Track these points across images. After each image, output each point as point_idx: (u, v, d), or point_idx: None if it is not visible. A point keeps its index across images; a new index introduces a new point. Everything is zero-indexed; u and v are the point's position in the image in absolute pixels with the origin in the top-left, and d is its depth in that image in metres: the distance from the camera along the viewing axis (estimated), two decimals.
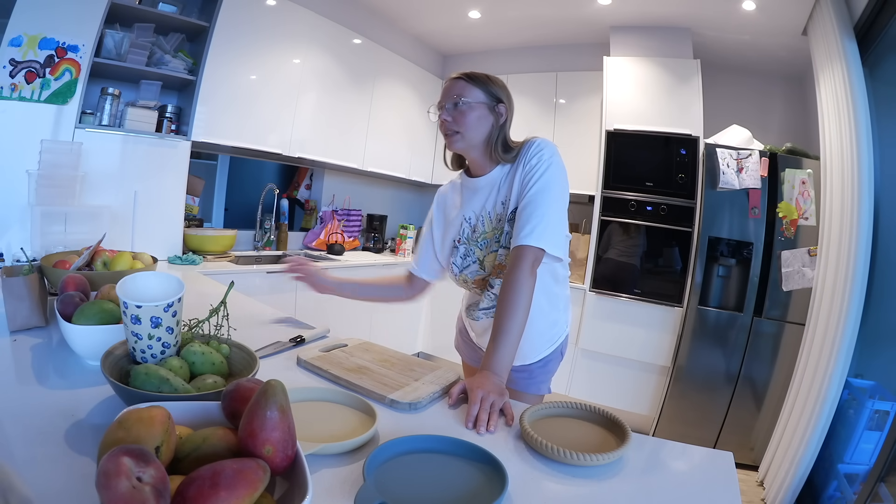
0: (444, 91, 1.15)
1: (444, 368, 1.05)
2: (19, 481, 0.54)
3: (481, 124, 1.13)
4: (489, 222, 1.19)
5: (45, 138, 2.01)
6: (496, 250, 1.17)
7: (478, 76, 1.14)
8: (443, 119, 1.13)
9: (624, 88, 3.08)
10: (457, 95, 1.11)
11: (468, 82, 1.13)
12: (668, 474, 0.77)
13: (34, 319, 1.07)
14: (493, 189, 1.18)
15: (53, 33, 1.98)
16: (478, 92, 1.13)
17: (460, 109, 1.11)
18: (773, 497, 2.19)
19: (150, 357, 0.77)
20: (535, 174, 1.09)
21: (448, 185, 1.32)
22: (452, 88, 1.13)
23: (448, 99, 1.13)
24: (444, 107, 1.13)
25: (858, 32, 2.19)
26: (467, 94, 1.12)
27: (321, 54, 3.02)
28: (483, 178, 1.19)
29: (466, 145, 1.15)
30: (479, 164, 1.19)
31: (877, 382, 2.06)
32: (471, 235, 1.21)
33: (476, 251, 1.20)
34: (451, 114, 1.12)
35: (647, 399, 2.96)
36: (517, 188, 1.12)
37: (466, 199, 1.23)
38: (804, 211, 2.58)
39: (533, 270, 1.06)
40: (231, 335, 0.92)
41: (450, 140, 1.14)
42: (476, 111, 1.12)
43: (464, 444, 0.70)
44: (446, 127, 1.13)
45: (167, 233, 2.48)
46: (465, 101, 1.11)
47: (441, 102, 1.15)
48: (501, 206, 1.17)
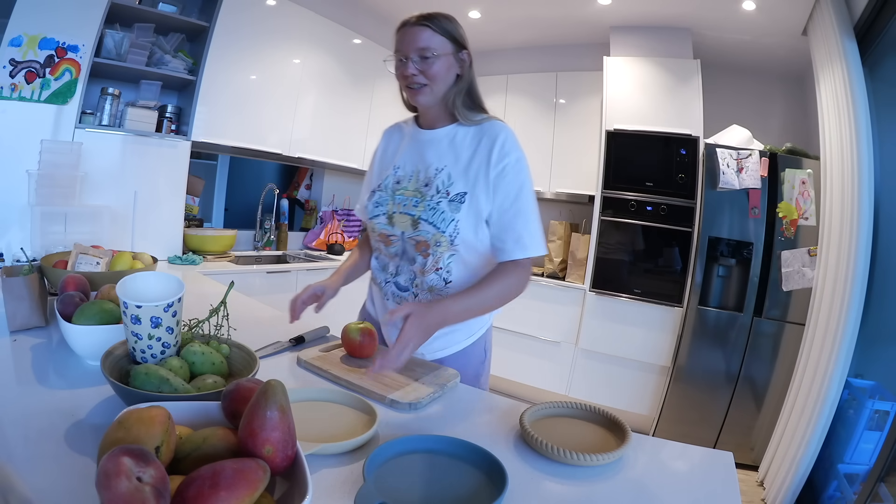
0: (406, 39, 1.04)
1: (444, 368, 1.05)
2: (19, 481, 0.54)
3: (449, 75, 1.06)
4: (415, 181, 1.10)
5: (45, 138, 2.01)
6: (412, 215, 1.07)
7: (440, 21, 1.05)
8: (409, 73, 1.03)
9: (624, 88, 3.08)
10: (423, 46, 1.02)
11: (433, 29, 1.03)
12: (668, 474, 0.77)
13: (34, 319, 1.07)
14: (437, 149, 1.10)
15: (53, 33, 1.98)
16: (444, 40, 1.04)
17: (428, 61, 1.03)
18: (773, 497, 2.19)
19: (150, 357, 0.77)
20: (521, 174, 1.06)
21: (399, 124, 1.24)
22: (417, 37, 1.03)
23: (412, 50, 1.03)
24: (410, 58, 1.03)
25: (858, 32, 2.19)
26: (434, 43, 1.03)
27: (321, 54, 3.02)
28: (430, 132, 1.12)
29: (433, 99, 1.07)
30: (433, 116, 1.12)
31: (877, 382, 2.07)
32: (392, 185, 1.13)
33: (389, 203, 1.12)
34: (419, 66, 1.03)
35: (647, 399, 2.96)
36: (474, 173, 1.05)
37: (406, 147, 1.16)
38: (804, 211, 2.58)
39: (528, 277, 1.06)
40: (231, 335, 0.92)
41: (416, 94, 1.06)
42: (444, 61, 1.04)
43: (464, 444, 0.70)
44: (412, 80, 1.04)
45: (167, 233, 2.48)
46: (433, 51, 1.02)
47: (404, 52, 1.04)
48: (436, 172, 1.08)
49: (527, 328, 3.29)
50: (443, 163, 1.09)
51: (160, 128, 2.42)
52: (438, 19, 1.05)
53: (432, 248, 1.08)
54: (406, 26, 1.05)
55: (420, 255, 1.10)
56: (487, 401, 0.96)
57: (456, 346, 1.17)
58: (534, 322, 3.28)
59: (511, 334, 3.33)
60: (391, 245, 1.14)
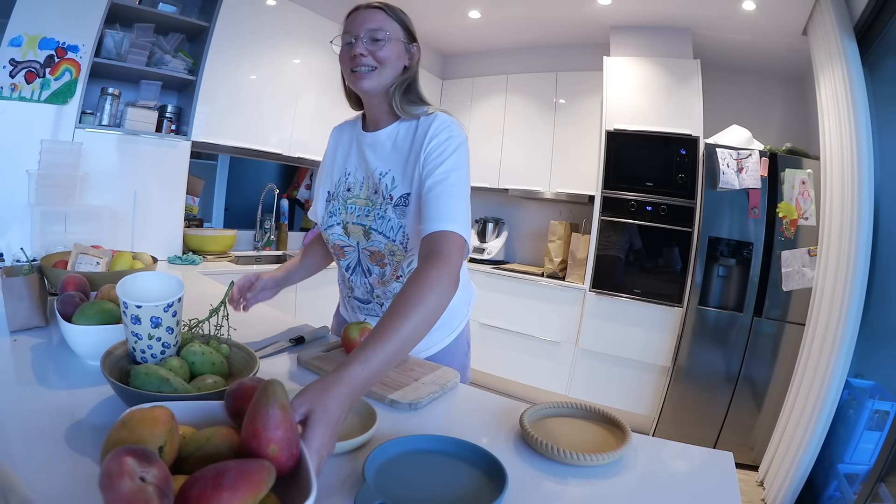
0: (357, 20, 0.99)
1: (444, 368, 1.05)
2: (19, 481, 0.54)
3: (398, 63, 1.01)
4: (366, 188, 1.05)
5: (45, 138, 2.01)
6: (364, 225, 1.03)
7: (394, 9, 1.01)
8: (357, 52, 0.97)
9: (624, 88, 3.08)
10: (376, 27, 0.97)
11: (388, 14, 1.00)
12: (668, 474, 0.77)
13: (34, 319, 1.07)
14: (380, 152, 1.05)
15: (53, 33, 1.98)
16: (396, 26, 1.00)
17: (379, 43, 0.98)
18: (773, 497, 2.19)
19: (150, 357, 0.77)
20: (447, 150, 0.97)
21: (348, 123, 1.17)
22: (369, 18, 0.98)
23: (363, 30, 0.97)
24: (360, 38, 0.97)
25: (858, 32, 2.19)
26: (387, 26, 0.99)
27: (321, 54, 3.02)
28: (373, 134, 1.06)
29: (378, 85, 1.00)
30: (376, 113, 1.06)
31: (877, 382, 2.07)
32: (343, 193, 1.09)
33: (342, 213, 1.08)
34: (369, 46, 0.97)
35: (647, 399, 2.96)
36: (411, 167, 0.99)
37: (354, 149, 1.11)
38: (804, 211, 2.57)
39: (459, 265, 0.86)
40: (231, 335, 0.92)
41: (362, 78, 0.98)
42: (395, 46, 1.00)
43: (464, 444, 0.70)
44: (360, 61, 0.97)
45: (167, 233, 2.48)
46: (385, 34, 0.98)
47: (354, 33, 0.98)
48: (380, 177, 1.03)
49: (527, 328, 3.29)
50: (387, 166, 1.03)
51: (160, 128, 2.42)
52: (392, 7, 1.02)
53: (387, 257, 1.05)
54: (359, 9, 1.01)
55: (377, 265, 1.07)
56: (487, 401, 0.96)
57: (440, 343, 1.16)
58: (534, 322, 3.28)
59: (511, 334, 3.34)
60: (345, 256, 1.11)
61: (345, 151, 1.14)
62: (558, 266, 3.34)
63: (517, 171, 3.58)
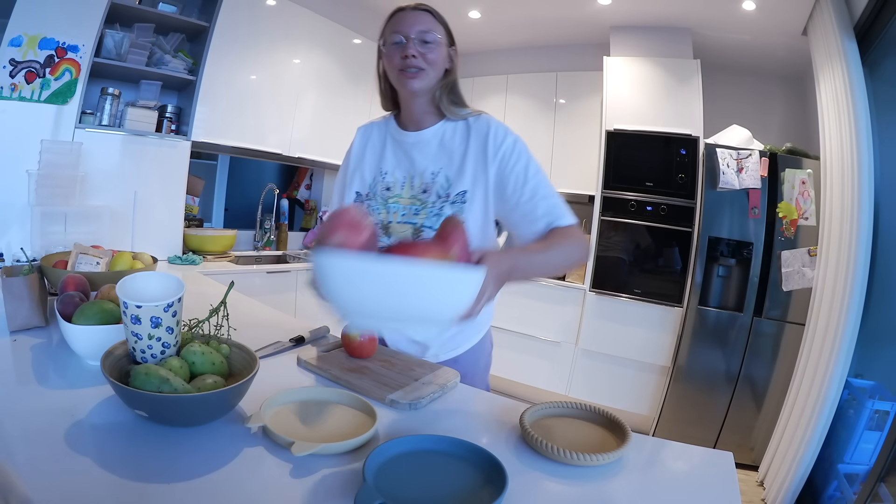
0: (407, 21, 1.00)
1: (444, 368, 1.05)
2: (19, 481, 0.54)
3: (442, 66, 1.03)
4: (409, 188, 1.05)
5: (45, 138, 2.01)
6: (414, 224, 1.03)
7: (438, 13, 1.04)
8: (409, 53, 0.98)
9: (624, 88, 3.08)
10: (426, 29, 0.99)
11: (435, 17, 1.02)
12: (668, 474, 0.77)
13: (34, 319, 1.07)
14: (427, 152, 1.06)
15: (53, 33, 1.98)
16: (442, 29, 1.02)
17: (429, 45, 0.99)
18: (773, 497, 2.19)
19: (150, 357, 0.77)
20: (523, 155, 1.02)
21: (376, 124, 1.17)
22: (420, 20, 1.00)
23: (414, 31, 0.99)
24: (411, 39, 0.98)
25: (858, 32, 2.19)
26: (436, 29, 1.01)
27: (321, 54, 3.02)
28: (418, 133, 1.06)
29: (425, 85, 1.01)
30: (419, 114, 1.06)
31: (877, 382, 2.07)
32: (381, 193, 1.07)
33: (381, 213, 1.06)
34: (420, 48, 0.99)
35: (647, 399, 2.96)
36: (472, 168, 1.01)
37: (391, 149, 1.10)
38: (804, 211, 2.57)
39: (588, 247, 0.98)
40: (231, 335, 0.92)
41: (412, 78, 0.99)
42: (441, 51, 1.02)
43: (464, 444, 0.70)
44: (411, 62, 0.98)
45: (167, 233, 2.48)
46: (435, 37, 1.00)
47: (404, 33, 0.99)
48: (433, 177, 1.04)
49: (527, 328, 3.29)
50: (438, 166, 1.04)
51: (160, 128, 2.42)
52: (437, 12, 1.04)
53: None
54: (405, 10, 1.02)
55: None
56: (487, 401, 0.96)
57: (469, 342, 1.16)
58: (534, 322, 3.27)
59: (511, 334, 3.33)
60: None
61: (376, 151, 1.13)
62: None
63: None
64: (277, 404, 0.79)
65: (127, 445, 0.66)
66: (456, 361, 1.12)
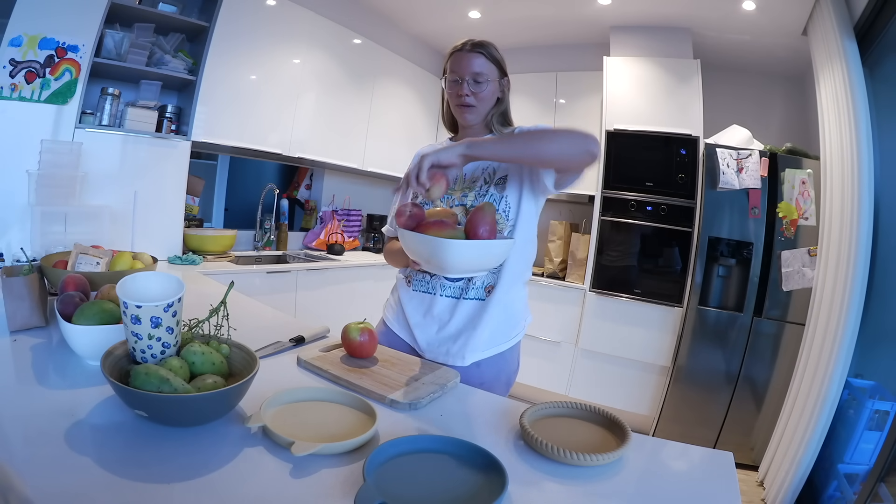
0: (463, 63, 1.16)
1: (444, 368, 1.05)
2: (19, 481, 0.54)
3: (493, 98, 1.19)
4: (461, 182, 1.20)
5: (45, 138, 2.01)
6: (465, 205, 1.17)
7: (491, 49, 1.17)
8: (463, 93, 1.15)
9: (624, 88, 3.08)
10: (478, 72, 1.14)
11: (487, 58, 1.16)
12: (668, 474, 0.77)
13: (34, 319, 1.07)
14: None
15: (53, 33, 1.98)
16: (493, 67, 1.17)
17: (481, 86, 1.15)
18: (773, 497, 2.19)
19: (150, 357, 0.77)
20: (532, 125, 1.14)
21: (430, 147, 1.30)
22: (472, 63, 1.15)
23: (467, 73, 1.15)
24: (465, 80, 1.15)
25: (858, 32, 2.19)
26: (486, 69, 1.15)
27: (321, 54, 3.02)
28: None
29: (478, 118, 1.19)
30: (473, 132, 1.22)
31: (877, 382, 2.06)
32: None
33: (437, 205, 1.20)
34: (472, 88, 1.15)
35: (647, 399, 2.96)
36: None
37: None
38: (804, 211, 2.58)
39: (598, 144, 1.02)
40: (231, 335, 0.92)
41: (465, 113, 1.17)
42: (492, 86, 1.17)
43: (464, 444, 0.70)
44: (464, 100, 1.16)
45: (167, 233, 2.48)
46: (485, 77, 1.15)
47: (459, 74, 1.16)
48: (481, 171, 1.19)
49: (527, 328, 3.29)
50: (484, 162, 1.17)
51: (160, 128, 2.42)
52: (489, 47, 1.17)
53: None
54: (462, 51, 1.17)
55: None
56: (487, 401, 0.96)
57: (495, 348, 1.19)
58: (534, 322, 3.25)
59: None
60: None
61: None
62: (558, 266, 3.34)
63: None
64: (277, 404, 0.79)
65: (127, 445, 0.66)
66: (479, 367, 1.15)
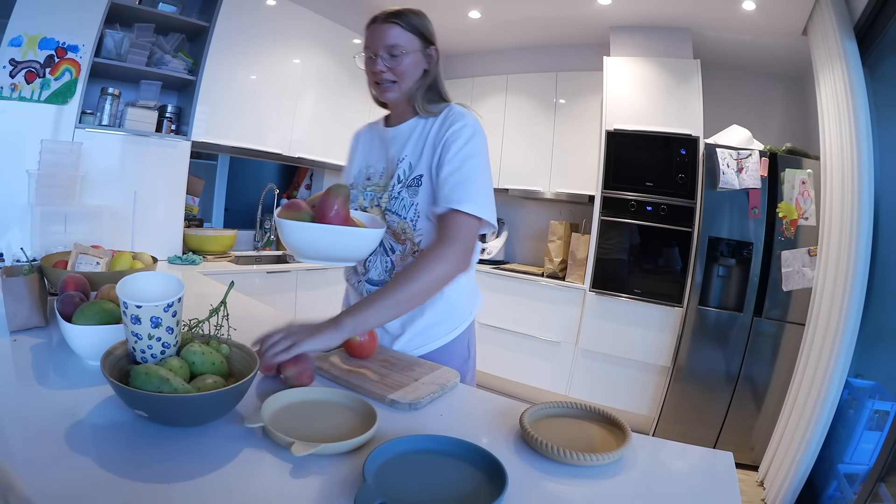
0: (376, 36, 1.06)
1: (444, 368, 1.05)
2: (19, 481, 0.54)
3: (416, 71, 1.08)
4: (385, 177, 1.14)
5: (45, 138, 2.01)
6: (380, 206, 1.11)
7: (409, 18, 1.06)
8: (377, 69, 1.06)
9: (624, 88, 3.08)
10: (392, 44, 1.04)
11: (402, 27, 1.05)
12: (668, 474, 0.77)
13: (34, 319, 1.06)
14: (399, 143, 1.13)
15: (53, 33, 1.98)
16: (412, 37, 1.06)
17: (396, 59, 1.05)
18: (774, 497, 2.19)
19: (150, 357, 0.77)
20: (460, 139, 1.03)
21: (369, 125, 1.28)
22: (385, 35, 1.04)
23: (381, 47, 1.05)
24: (379, 55, 1.05)
25: (858, 32, 2.19)
26: (403, 41, 1.05)
27: (321, 54, 3.02)
28: (395, 128, 1.15)
29: (399, 95, 1.09)
30: (400, 111, 1.15)
31: (877, 382, 2.07)
32: (363, 182, 1.18)
33: (360, 198, 1.15)
34: (388, 63, 1.05)
35: (647, 399, 2.96)
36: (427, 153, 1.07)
37: (374, 145, 1.21)
38: (804, 211, 2.57)
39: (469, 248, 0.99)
40: (231, 335, 0.92)
41: (385, 91, 1.08)
42: (412, 58, 1.06)
43: (464, 444, 0.70)
44: (381, 77, 1.06)
45: (167, 233, 2.48)
46: (402, 49, 1.04)
47: (373, 49, 1.06)
48: (398, 164, 1.11)
49: (527, 328, 3.29)
50: (404, 153, 1.11)
51: (160, 128, 2.42)
52: (407, 16, 1.06)
53: (404, 234, 1.11)
54: (375, 23, 1.07)
55: (398, 243, 1.12)
56: (487, 401, 0.96)
57: (437, 341, 1.15)
58: (534, 322, 3.28)
59: (511, 334, 3.34)
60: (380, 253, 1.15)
61: (366, 147, 1.24)
62: (558, 266, 3.34)
63: (517, 171, 3.58)
64: (277, 404, 0.79)
65: (127, 445, 0.66)
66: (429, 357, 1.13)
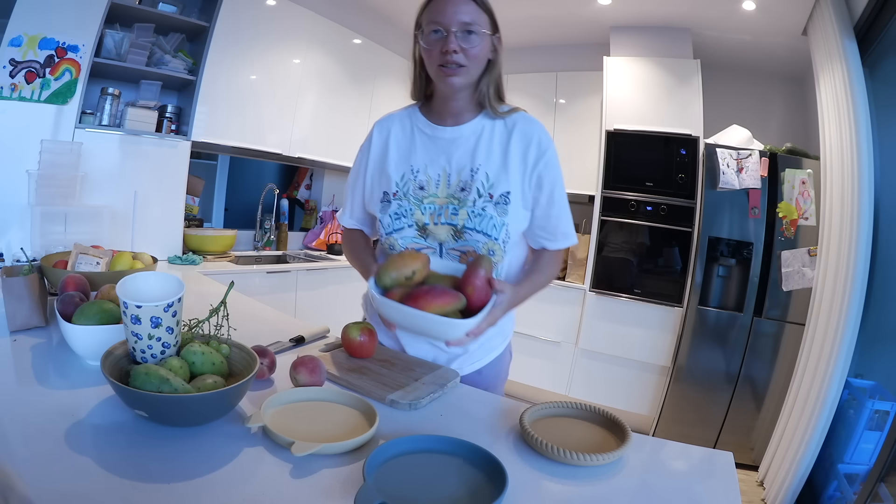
0: (448, 11, 0.89)
1: (444, 368, 1.05)
2: (19, 481, 0.54)
3: (485, 58, 0.94)
4: (445, 186, 0.97)
5: (45, 138, 2.01)
6: (454, 224, 0.96)
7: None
8: (450, 48, 0.88)
9: (624, 88, 3.08)
10: (470, 21, 0.89)
11: (479, 5, 0.90)
12: (668, 474, 0.77)
13: (34, 319, 1.06)
14: (465, 148, 0.98)
15: (53, 33, 1.98)
16: (486, 18, 0.91)
17: (473, 39, 0.89)
18: (773, 497, 2.19)
19: (150, 357, 0.77)
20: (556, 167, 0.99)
21: (397, 116, 1.06)
22: (462, 10, 0.89)
23: (455, 23, 0.88)
24: (451, 32, 0.88)
25: (858, 32, 2.19)
26: (480, 20, 0.90)
27: (321, 54, 3.02)
28: (454, 129, 0.98)
29: (467, 82, 0.93)
30: (457, 107, 0.98)
31: (877, 382, 2.07)
32: (413, 192, 0.99)
33: (416, 212, 0.98)
34: (462, 43, 0.89)
35: (647, 399, 2.96)
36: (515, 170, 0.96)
37: (421, 145, 1.01)
38: (804, 211, 2.57)
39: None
40: (231, 335, 0.92)
41: (452, 75, 0.91)
42: (486, 42, 0.92)
43: (464, 444, 0.69)
44: (451, 59, 0.89)
45: (167, 233, 2.48)
46: (480, 28, 0.89)
47: (444, 24, 0.89)
48: (472, 174, 0.96)
49: (527, 328, 3.29)
50: (477, 162, 0.96)
51: (160, 128, 2.42)
52: None
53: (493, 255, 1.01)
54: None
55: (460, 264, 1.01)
56: (487, 401, 0.96)
57: (494, 352, 1.13)
58: (534, 322, 3.27)
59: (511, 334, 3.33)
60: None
61: (403, 147, 1.03)
62: None
63: None
64: (277, 404, 0.79)
65: (127, 445, 0.66)
66: (480, 374, 1.11)
